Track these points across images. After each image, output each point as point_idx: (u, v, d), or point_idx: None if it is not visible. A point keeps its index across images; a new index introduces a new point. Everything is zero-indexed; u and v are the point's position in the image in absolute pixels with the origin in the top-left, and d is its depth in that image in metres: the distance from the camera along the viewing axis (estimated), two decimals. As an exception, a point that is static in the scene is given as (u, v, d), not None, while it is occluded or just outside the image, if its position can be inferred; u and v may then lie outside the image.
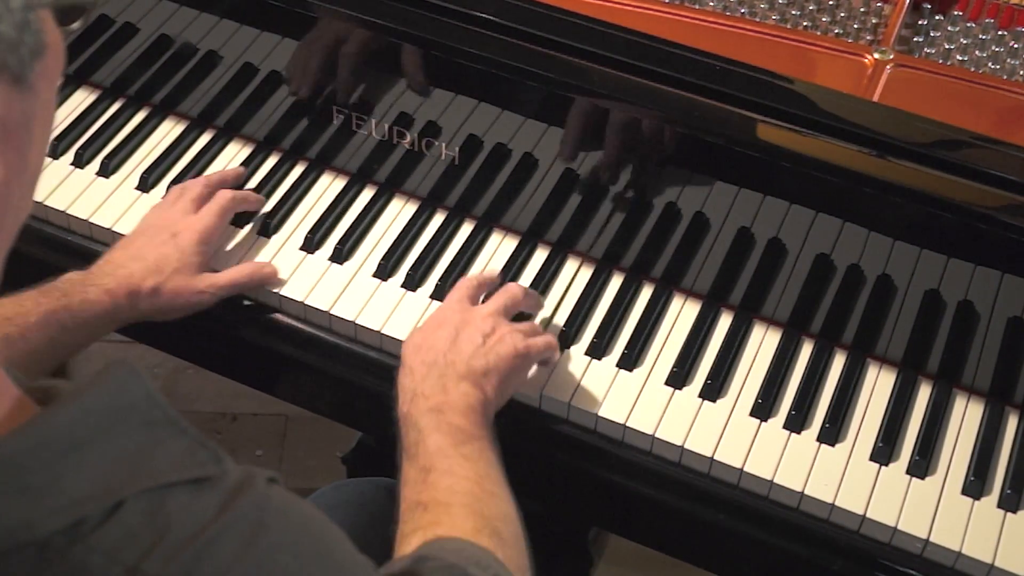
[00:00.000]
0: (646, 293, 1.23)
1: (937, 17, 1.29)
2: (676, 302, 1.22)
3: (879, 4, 1.30)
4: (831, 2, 1.30)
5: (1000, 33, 1.27)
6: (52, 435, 0.59)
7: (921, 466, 1.10)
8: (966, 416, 1.15)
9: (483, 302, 1.13)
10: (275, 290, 1.20)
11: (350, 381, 1.21)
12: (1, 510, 0.56)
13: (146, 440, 0.62)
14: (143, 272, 1.13)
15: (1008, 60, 1.25)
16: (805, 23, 1.28)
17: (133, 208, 1.28)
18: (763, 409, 1.14)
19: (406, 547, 0.89)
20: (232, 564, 0.60)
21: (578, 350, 1.17)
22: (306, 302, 1.20)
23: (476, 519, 0.91)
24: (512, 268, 1.24)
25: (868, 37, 1.28)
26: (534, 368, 1.13)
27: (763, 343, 1.19)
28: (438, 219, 1.28)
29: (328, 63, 1.25)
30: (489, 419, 1.03)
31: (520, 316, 1.15)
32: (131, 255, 1.14)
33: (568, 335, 1.18)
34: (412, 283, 1.22)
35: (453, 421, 0.99)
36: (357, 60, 1.24)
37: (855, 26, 1.29)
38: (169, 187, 1.30)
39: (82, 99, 1.39)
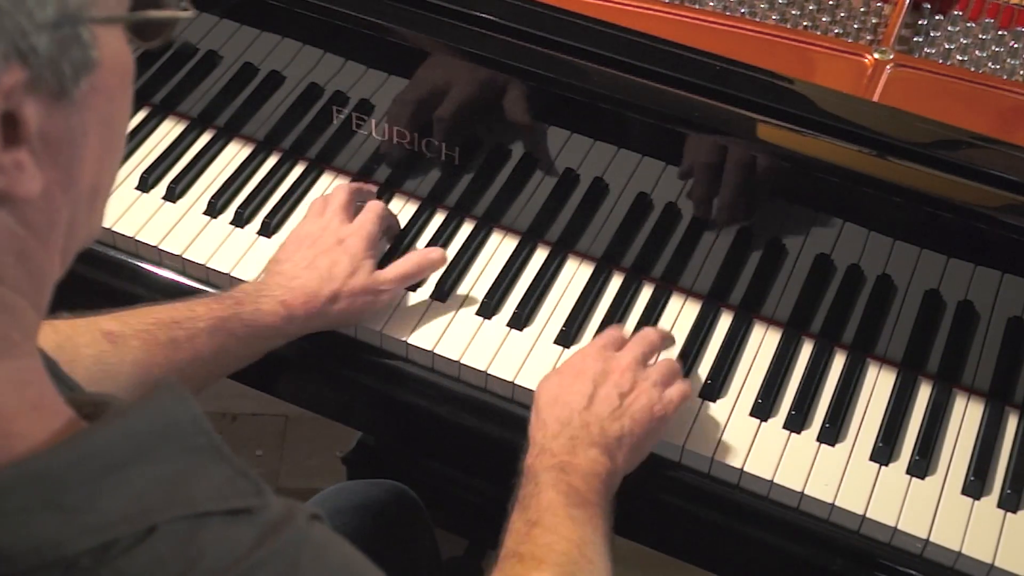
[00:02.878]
0: (646, 293, 1.23)
1: (937, 17, 1.29)
2: (676, 302, 1.22)
3: (879, 4, 1.30)
4: (831, 2, 1.30)
5: (1000, 33, 1.27)
6: (92, 453, 0.57)
7: (921, 466, 1.10)
8: (966, 416, 1.15)
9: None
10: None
11: (349, 381, 1.21)
12: (33, 525, 0.55)
13: (186, 466, 0.60)
14: (319, 281, 1.12)
15: (1008, 60, 1.25)
16: (805, 23, 1.28)
17: (133, 208, 1.28)
18: (763, 409, 1.14)
19: None
20: None
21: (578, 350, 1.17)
22: (306, 302, 1.20)
23: None
24: (512, 268, 1.24)
25: (868, 37, 1.28)
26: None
27: (763, 343, 1.19)
28: (438, 219, 1.28)
29: (328, 63, 1.25)
30: (611, 488, 1.00)
31: None
32: (302, 266, 1.13)
33: (568, 335, 1.18)
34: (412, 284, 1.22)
35: (573, 482, 0.97)
36: (358, 60, 1.24)
37: (855, 26, 1.29)
38: (169, 187, 1.30)
39: (82, 99, 1.39)
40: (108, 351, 0.99)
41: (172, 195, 1.30)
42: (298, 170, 1.33)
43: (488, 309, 1.20)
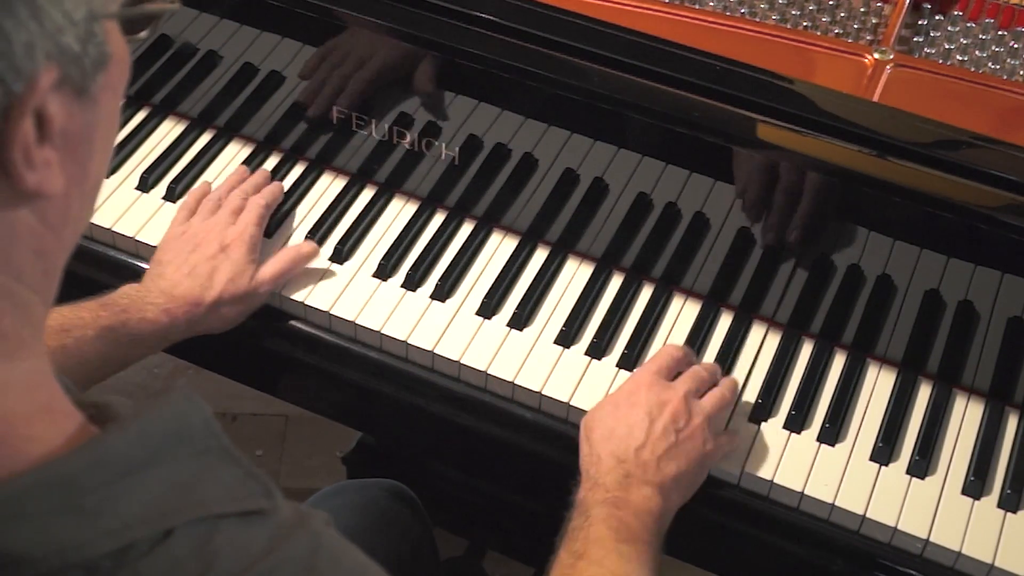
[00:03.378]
0: (646, 293, 1.23)
1: (937, 17, 1.29)
2: (676, 302, 1.22)
3: (879, 4, 1.30)
4: (831, 2, 1.30)
5: (1000, 33, 1.27)
6: (110, 457, 0.58)
7: (921, 466, 1.10)
8: (966, 416, 1.15)
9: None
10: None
11: (350, 381, 1.21)
12: (54, 529, 0.55)
13: (199, 468, 0.61)
14: (201, 289, 1.14)
15: (1008, 60, 1.25)
16: (805, 23, 1.28)
17: (133, 208, 1.28)
18: (763, 409, 1.14)
19: None
20: None
21: (578, 350, 1.17)
22: (306, 302, 1.20)
23: None
24: (512, 268, 1.24)
25: (868, 37, 1.28)
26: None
27: (763, 343, 1.19)
28: (438, 219, 1.28)
29: (328, 63, 1.25)
30: (663, 527, 1.00)
31: None
32: (184, 272, 1.15)
33: (568, 335, 1.18)
34: (412, 283, 1.22)
35: (624, 518, 0.96)
36: (357, 60, 1.24)
37: (855, 26, 1.29)
38: (169, 187, 1.30)
39: (82, 99, 1.39)
40: None
41: (172, 195, 1.30)
42: (298, 170, 1.33)
43: (488, 309, 1.20)
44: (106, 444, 0.58)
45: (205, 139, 1.36)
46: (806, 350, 1.19)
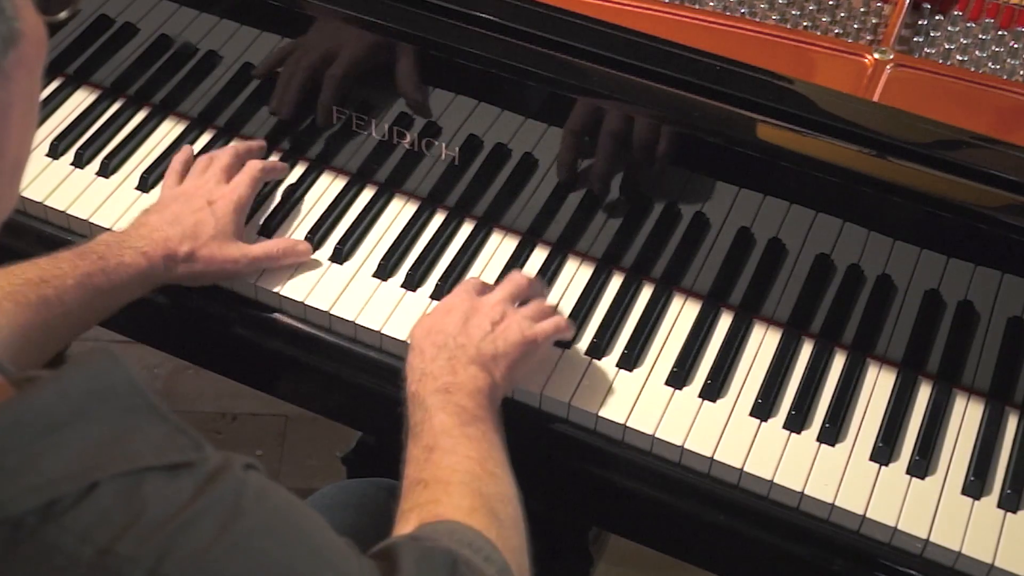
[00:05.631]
0: (646, 293, 1.23)
1: (937, 17, 1.29)
2: (676, 302, 1.22)
3: (879, 4, 1.30)
4: (831, 2, 1.30)
5: (1000, 33, 1.27)
6: (28, 416, 0.59)
7: (921, 466, 1.10)
8: (966, 416, 1.15)
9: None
10: (275, 290, 1.20)
11: (350, 381, 1.21)
12: None
13: (125, 425, 0.62)
14: (180, 236, 1.14)
15: (1008, 60, 1.25)
16: (805, 23, 1.28)
17: (133, 208, 1.28)
18: (763, 409, 1.14)
19: (404, 524, 0.89)
20: (207, 547, 0.60)
21: (578, 350, 1.17)
22: (306, 302, 1.20)
23: (474, 498, 0.91)
24: (512, 268, 1.24)
25: (868, 37, 1.28)
26: (548, 349, 1.13)
27: (763, 343, 1.19)
28: (438, 219, 1.28)
29: (328, 63, 1.25)
30: (496, 403, 1.04)
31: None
32: (167, 220, 1.15)
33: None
34: (412, 283, 1.22)
35: (460, 402, 0.99)
36: (357, 60, 1.24)
37: (855, 26, 1.29)
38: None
39: (82, 99, 1.39)
40: None
41: (172, 195, 1.30)
42: (298, 170, 1.33)
43: (488, 309, 1.20)
44: (24, 404, 0.59)
45: (205, 139, 1.36)
46: (806, 350, 1.19)
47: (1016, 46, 1.26)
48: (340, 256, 1.24)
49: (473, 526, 0.87)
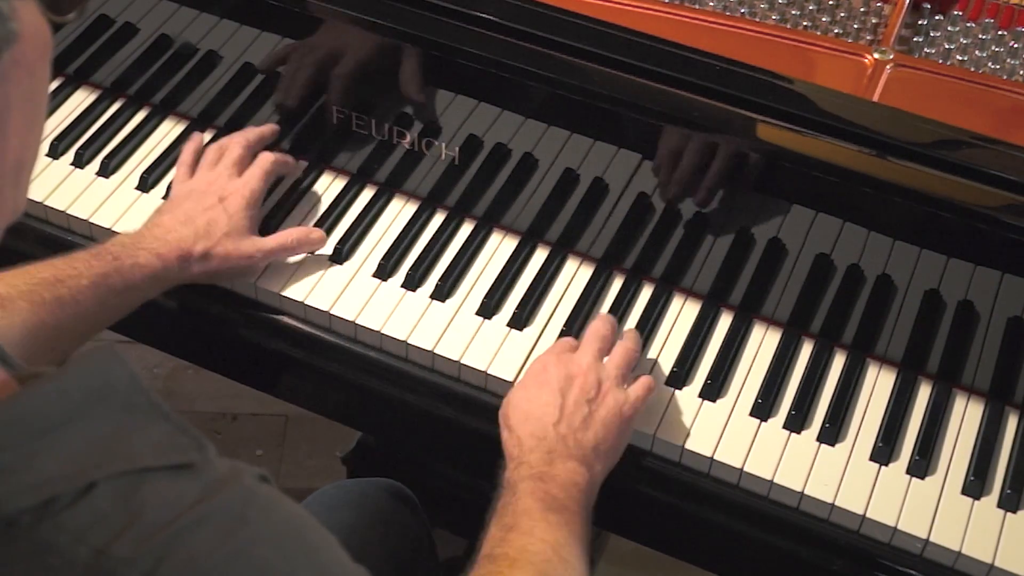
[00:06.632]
0: (646, 293, 1.23)
1: (937, 17, 1.29)
2: (676, 302, 1.22)
3: (879, 4, 1.30)
4: (831, 2, 1.30)
5: (1000, 33, 1.27)
6: (27, 414, 0.59)
7: (921, 466, 1.10)
8: (966, 416, 1.15)
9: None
10: (275, 290, 1.20)
11: (350, 381, 1.21)
12: None
13: (125, 424, 0.61)
14: (194, 236, 1.14)
15: (1008, 60, 1.25)
16: (805, 23, 1.28)
17: (133, 208, 1.28)
18: (763, 409, 1.14)
19: None
20: (207, 553, 0.59)
21: (578, 350, 1.17)
22: (306, 302, 1.20)
23: (536, 575, 0.89)
24: (512, 268, 1.24)
25: (868, 37, 1.28)
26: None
27: (763, 343, 1.19)
28: (438, 219, 1.28)
29: (328, 63, 1.25)
30: (590, 497, 1.01)
31: None
32: (180, 220, 1.15)
33: (569, 335, 1.18)
34: (412, 283, 1.22)
35: (551, 491, 0.97)
36: (357, 60, 1.24)
37: (855, 26, 1.29)
38: (169, 187, 1.30)
39: (82, 99, 1.39)
40: None
41: (172, 195, 1.30)
42: (298, 170, 1.33)
43: (488, 309, 1.20)
44: (23, 402, 0.59)
45: (205, 139, 1.36)
46: (806, 350, 1.19)
47: (1016, 46, 1.26)
48: (340, 256, 1.24)
49: None
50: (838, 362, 1.18)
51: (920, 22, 1.29)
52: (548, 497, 0.96)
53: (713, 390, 1.15)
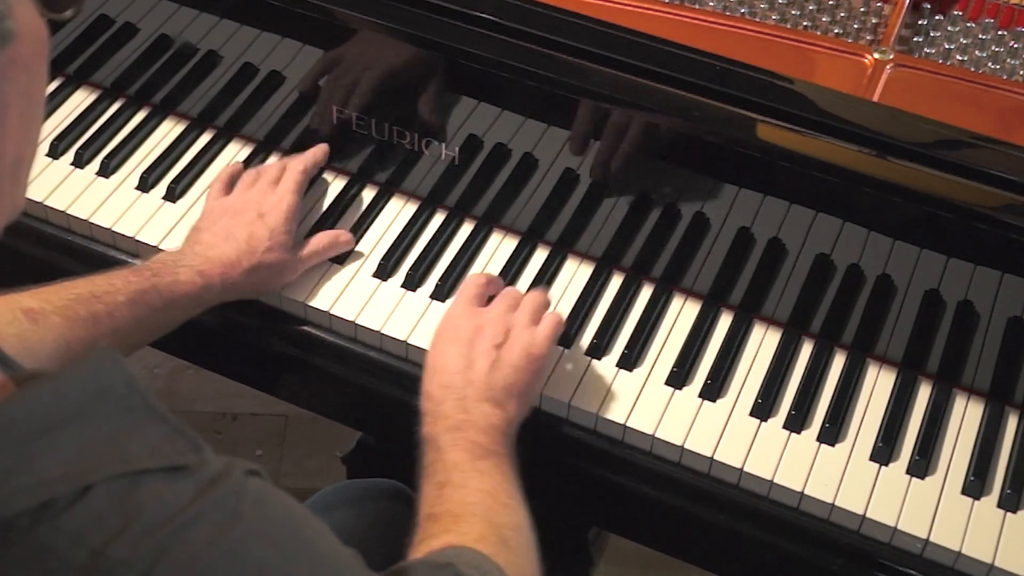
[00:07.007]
0: (646, 293, 1.23)
1: (937, 17, 1.29)
2: (676, 302, 1.22)
3: (879, 4, 1.30)
4: (831, 2, 1.30)
5: (1000, 33, 1.27)
6: (24, 416, 0.59)
7: (921, 466, 1.10)
8: (966, 416, 1.15)
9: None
10: (275, 291, 1.20)
11: (350, 381, 1.21)
12: None
13: (122, 426, 0.61)
14: (236, 253, 1.14)
15: (1008, 60, 1.25)
16: (805, 23, 1.28)
17: (133, 208, 1.28)
18: (763, 409, 1.14)
19: (414, 556, 0.89)
20: (203, 551, 0.60)
21: (578, 350, 1.17)
22: (306, 302, 1.20)
23: (484, 526, 0.90)
24: (512, 268, 1.24)
25: (868, 37, 1.28)
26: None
27: (763, 343, 1.19)
28: (438, 219, 1.28)
29: (328, 63, 1.25)
30: (511, 436, 1.02)
31: None
32: (221, 236, 1.15)
33: (568, 335, 1.18)
34: (412, 283, 1.22)
35: (473, 438, 0.98)
36: (357, 60, 1.24)
37: (855, 26, 1.29)
38: (169, 187, 1.30)
39: (82, 99, 1.39)
40: (30, 329, 1.00)
41: (172, 195, 1.30)
42: (298, 170, 1.33)
43: (488, 309, 1.20)
44: (19, 404, 0.59)
45: (205, 139, 1.36)
46: (806, 350, 1.19)
47: (1016, 46, 1.26)
48: (340, 256, 1.24)
49: (481, 551, 0.86)
50: (838, 362, 1.18)
51: (920, 22, 1.30)
52: (472, 445, 0.98)
53: (713, 390, 1.15)
